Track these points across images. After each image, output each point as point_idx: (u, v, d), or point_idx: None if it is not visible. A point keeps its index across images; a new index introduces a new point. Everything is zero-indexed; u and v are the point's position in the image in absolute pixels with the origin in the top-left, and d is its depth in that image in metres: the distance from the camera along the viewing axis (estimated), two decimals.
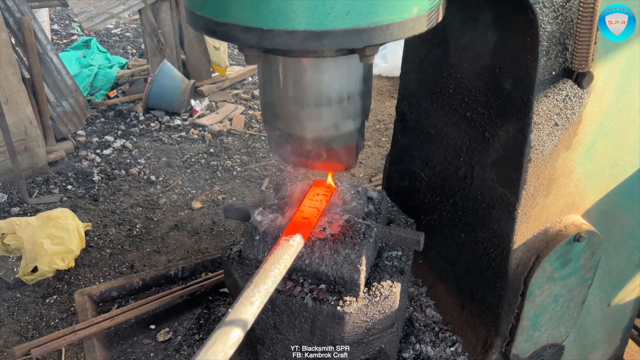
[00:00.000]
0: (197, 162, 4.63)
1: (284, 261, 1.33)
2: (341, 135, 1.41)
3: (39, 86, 4.27)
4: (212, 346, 1.05)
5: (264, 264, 1.30)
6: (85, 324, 2.25)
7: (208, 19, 1.10)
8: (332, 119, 1.36)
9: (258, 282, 1.23)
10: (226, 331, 1.09)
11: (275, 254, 1.34)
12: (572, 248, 1.70)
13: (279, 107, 1.38)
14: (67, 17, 8.85)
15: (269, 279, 1.25)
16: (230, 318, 1.13)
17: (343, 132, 1.41)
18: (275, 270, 1.29)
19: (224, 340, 1.07)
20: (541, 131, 1.53)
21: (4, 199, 3.96)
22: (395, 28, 1.07)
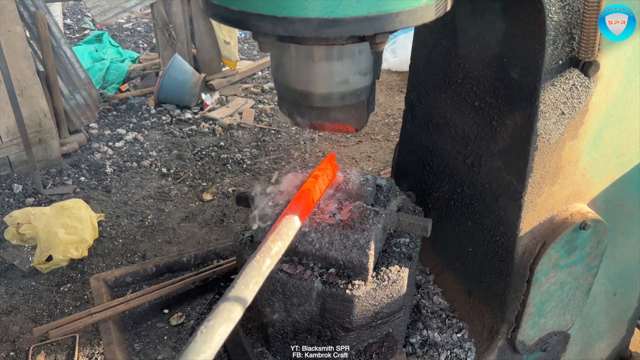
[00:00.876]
0: (207, 155, 4.68)
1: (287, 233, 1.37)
2: (352, 91, 1.38)
3: (52, 79, 4.33)
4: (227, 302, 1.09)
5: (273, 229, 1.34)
6: (101, 307, 2.30)
7: (223, 7, 1.14)
8: (342, 73, 1.34)
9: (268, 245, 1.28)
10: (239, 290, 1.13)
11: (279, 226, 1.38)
12: (578, 236, 1.73)
13: (287, 61, 1.36)
14: (79, 11, 8.92)
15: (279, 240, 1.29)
16: (244, 278, 1.17)
17: (354, 88, 1.38)
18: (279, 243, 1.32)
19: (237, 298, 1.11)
20: (548, 120, 1.56)
21: (19, 190, 4.03)
22: (405, 16, 1.10)
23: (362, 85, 1.39)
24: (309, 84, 1.36)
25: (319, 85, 1.35)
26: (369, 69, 1.38)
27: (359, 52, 1.32)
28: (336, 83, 1.35)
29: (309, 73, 1.34)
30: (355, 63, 1.33)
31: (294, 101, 1.44)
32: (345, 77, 1.35)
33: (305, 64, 1.33)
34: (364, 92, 1.41)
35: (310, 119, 1.48)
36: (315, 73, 1.33)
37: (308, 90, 1.37)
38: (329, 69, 1.32)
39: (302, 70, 1.34)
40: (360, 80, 1.38)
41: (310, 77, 1.34)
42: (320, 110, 1.43)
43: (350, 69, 1.34)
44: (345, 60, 1.31)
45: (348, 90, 1.37)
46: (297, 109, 1.46)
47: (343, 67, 1.33)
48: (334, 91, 1.37)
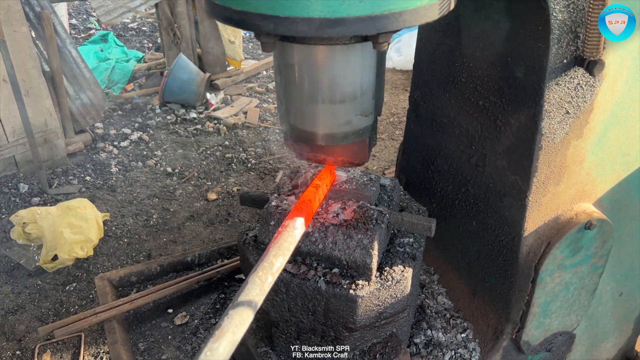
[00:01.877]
0: (212, 155, 4.69)
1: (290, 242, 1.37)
2: (354, 131, 1.43)
3: (58, 79, 4.35)
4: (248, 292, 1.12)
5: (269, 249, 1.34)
6: (106, 306, 2.31)
7: (226, 7, 1.14)
8: (345, 115, 1.39)
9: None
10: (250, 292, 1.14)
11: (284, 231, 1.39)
12: (583, 236, 1.72)
13: (292, 103, 1.41)
14: (84, 11, 8.96)
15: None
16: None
17: (356, 128, 1.43)
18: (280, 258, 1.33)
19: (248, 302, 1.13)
20: (552, 119, 1.55)
21: (25, 190, 4.05)
22: (408, 15, 1.10)
23: (364, 126, 1.44)
24: (313, 125, 1.41)
25: (323, 126, 1.41)
26: (370, 110, 1.43)
27: (361, 95, 1.37)
28: (339, 124, 1.40)
29: (313, 114, 1.39)
30: (357, 105, 1.39)
31: (299, 139, 1.48)
32: (347, 118, 1.40)
33: (309, 106, 1.38)
34: (366, 131, 1.46)
35: (315, 155, 1.53)
36: (319, 115, 1.38)
37: (312, 130, 1.42)
38: (332, 111, 1.37)
39: (307, 111, 1.39)
40: (362, 120, 1.43)
41: (315, 118, 1.40)
42: (325, 148, 1.48)
43: (352, 111, 1.39)
44: (348, 103, 1.37)
45: (351, 130, 1.43)
46: (302, 146, 1.51)
47: (346, 110, 1.38)
48: (337, 131, 1.42)
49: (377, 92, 1.43)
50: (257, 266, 1.26)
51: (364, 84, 1.38)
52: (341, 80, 1.34)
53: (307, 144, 1.48)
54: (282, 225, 1.42)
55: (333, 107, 1.36)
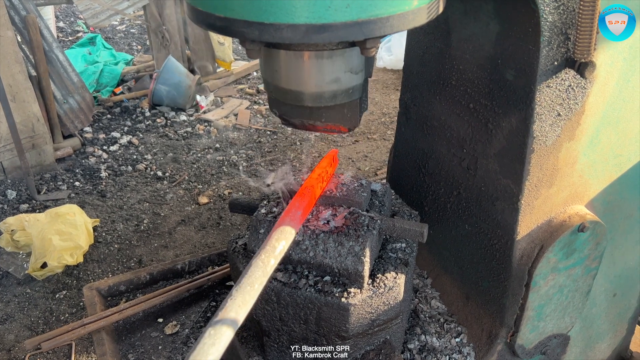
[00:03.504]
0: (203, 157, 4.65)
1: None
2: (343, 90, 1.34)
3: (45, 84, 4.30)
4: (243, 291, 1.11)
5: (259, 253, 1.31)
6: (94, 317, 2.28)
7: (209, 13, 1.11)
8: (333, 71, 1.29)
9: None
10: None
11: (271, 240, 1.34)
12: (576, 238, 1.70)
13: (276, 59, 1.32)
14: (72, 14, 8.88)
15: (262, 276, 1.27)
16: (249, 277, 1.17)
17: (345, 86, 1.34)
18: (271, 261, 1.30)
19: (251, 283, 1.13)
20: (544, 122, 1.53)
21: (13, 196, 3.99)
22: (396, 20, 1.07)
23: (354, 84, 1.35)
24: (299, 83, 1.32)
25: (310, 84, 1.31)
26: (360, 67, 1.34)
27: (350, 50, 1.28)
28: (327, 82, 1.31)
29: (299, 72, 1.30)
30: (346, 61, 1.30)
31: (284, 101, 1.40)
32: (336, 75, 1.31)
33: (295, 62, 1.29)
34: (356, 90, 1.37)
35: (301, 119, 1.44)
36: (306, 72, 1.29)
37: (299, 89, 1.33)
38: (320, 67, 1.28)
39: (292, 69, 1.30)
40: (352, 78, 1.34)
41: (301, 76, 1.31)
42: (312, 110, 1.39)
43: (341, 67, 1.30)
44: (336, 58, 1.28)
45: (340, 89, 1.33)
46: (288, 109, 1.42)
47: (334, 65, 1.29)
48: (325, 90, 1.33)
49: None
50: (260, 250, 1.25)
51: None
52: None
53: (293, 106, 1.39)
54: (284, 212, 1.40)
55: (320, 62, 1.28)
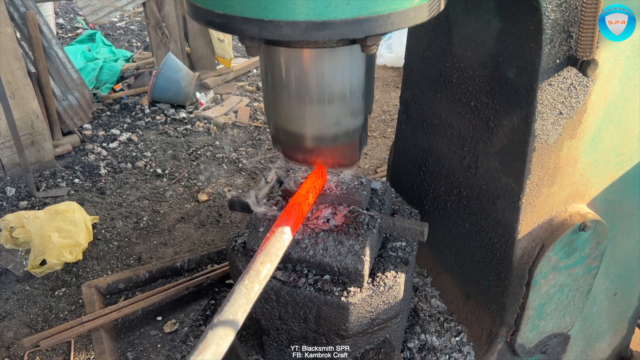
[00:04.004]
0: (202, 155, 4.64)
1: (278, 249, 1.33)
2: (344, 132, 1.38)
3: (44, 80, 4.28)
4: (235, 302, 1.09)
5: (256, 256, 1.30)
6: (93, 315, 2.27)
7: (209, 10, 1.10)
8: (334, 116, 1.34)
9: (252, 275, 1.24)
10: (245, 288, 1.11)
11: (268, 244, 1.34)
12: (577, 237, 1.70)
13: (280, 104, 1.36)
14: (71, 10, 8.85)
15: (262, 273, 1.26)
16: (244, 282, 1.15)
17: (346, 129, 1.38)
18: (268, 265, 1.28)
19: (245, 293, 1.11)
20: (545, 120, 1.52)
21: (12, 193, 3.98)
22: (397, 17, 1.06)
23: (353, 126, 1.39)
24: (301, 126, 1.36)
25: (311, 127, 1.36)
26: (360, 109, 1.38)
27: (350, 95, 1.32)
28: (328, 125, 1.35)
29: (301, 116, 1.34)
30: (347, 105, 1.33)
31: (287, 141, 1.43)
32: (337, 118, 1.35)
33: (297, 107, 1.33)
34: (356, 131, 1.41)
35: (304, 157, 1.48)
36: (308, 116, 1.33)
37: (300, 132, 1.37)
38: (321, 111, 1.32)
39: (295, 113, 1.34)
40: (352, 121, 1.38)
41: (303, 120, 1.35)
42: (314, 150, 1.43)
43: (342, 110, 1.34)
44: (337, 103, 1.32)
45: (340, 131, 1.38)
46: (290, 148, 1.46)
47: (334, 110, 1.32)
48: (326, 133, 1.37)
49: (367, 91, 1.38)
50: (244, 274, 1.22)
51: (352, 83, 1.32)
52: (329, 80, 1.29)
53: (296, 146, 1.43)
54: (270, 232, 1.38)
55: (321, 107, 1.31)
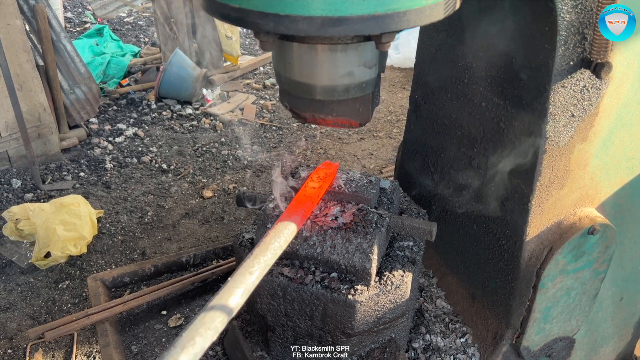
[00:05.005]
0: (208, 151, 4.64)
1: (285, 236, 1.32)
2: (356, 84, 1.32)
3: (52, 73, 4.29)
4: (210, 311, 1.04)
5: (265, 238, 1.29)
6: (98, 308, 2.27)
7: (224, 4, 1.10)
8: (346, 65, 1.28)
9: (258, 254, 1.23)
10: (225, 298, 1.08)
11: (276, 229, 1.33)
12: (586, 241, 1.69)
13: (289, 51, 1.30)
14: (80, 4, 8.87)
15: (268, 252, 1.25)
16: (230, 287, 1.12)
17: (358, 80, 1.32)
18: (275, 243, 1.28)
19: (222, 307, 1.06)
20: (557, 122, 1.51)
21: (18, 185, 3.99)
22: (412, 15, 1.06)
23: (367, 78, 1.34)
24: (311, 76, 1.30)
25: (322, 77, 1.30)
26: (374, 61, 1.33)
27: (364, 44, 1.26)
28: (340, 75, 1.29)
29: (311, 65, 1.29)
30: (360, 55, 1.28)
31: (295, 94, 1.38)
32: (349, 69, 1.29)
33: (308, 55, 1.27)
34: (369, 85, 1.36)
35: (312, 112, 1.42)
36: (318, 65, 1.28)
37: (311, 82, 1.31)
38: (333, 60, 1.27)
39: (305, 61, 1.29)
40: (365, 72, 1.32)
41: (314, 68, 1.29)
42: (323, 104, 1.37)
43: (354, 60, 1.28)
44: (350, 51, 1.26)
45: (352, 83, 1.32)
46: (299, 102, 1.40)
47: (347, 59, 1.27)
48: (338, 83, 1.31)
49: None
50: (253, 250, 1.23)
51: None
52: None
53: (305, 100, 1.37)
54: (278, 220, 1.39)
55: (333, 55, 1.26)
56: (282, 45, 1.29)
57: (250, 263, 1.20)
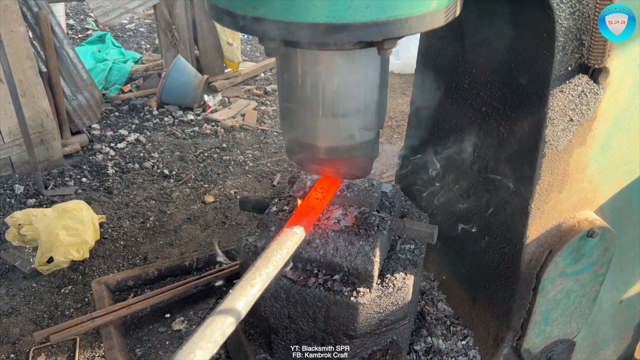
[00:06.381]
0: (209, 157, 4.67)
1: (287, 247, 1.34)
2: (357, 145, 1.43)
3: (55, 80, 4.32)
4: (211, 324, 1.06)
5: (267, 250, 1.31)
6: (103, 311, 2.29)
7: (230, 11, 1.12)
8: (348, 129, 1.38)
9: (260, 266, 1.25)
10: (226, 311, 1.10)
11: (278, 240, 1.35)
12: (585, 244, 1.71)
13: (296, 116, 1.40)
14: (82, 11, 8.92)
15: (270, 264, 1.27)
16: (231, 299, 1.14)
17: (359, 142, 1.43)
18: (278, 255, 1.30)
19: (223, 319, 1.08)
20: (556, 127, 1.54)
21: (21, 191, 4.01)
22: (414, 21, 1.09)
23: (366, 139, 1.44)
24: (316, 138, 1.41)
25: (326, 139, 1.40)
26: (373, 124, 1.43)
27: (365, 109, 1.37)
28: (342, 138, 1.40)
29: (316, 128, 1.39)
30: (361, 120, 1.39)
31: (302, 152, 1.48)
32: (351, 132, 1.39)
33: (312, 120, 1.37)
34: (369, 144, 1.46)
35: (317, 167, 1.52)
36: (322, 128, 1.38)
37: (315, 144, 1.42)
38: (335, 125, 1.37)
39: (310, 126, 1.39)
40: (365, 134, 1.43)
41: (317, 131, 1.39)
42: (327, 161, 1.48)
43: (356, 124, 1.39)
44: (351, 117, 1.37)
45: (354, 144, 1.42)
46: (305, 159, 1.50)
47: (349, 124, 1.37)
48: (340, 145, 1.42)
49: (380, 106, 1.42)
50: (256, 261, 1.25)
51: (367, 98, 1.37)
52: (345, 95, 1.33)
53: (310, 157, 1.47)
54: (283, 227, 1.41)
55: (336, 120, 1.36)
56: (289, 111, 1.40)
57: (252, 275, 1.22)
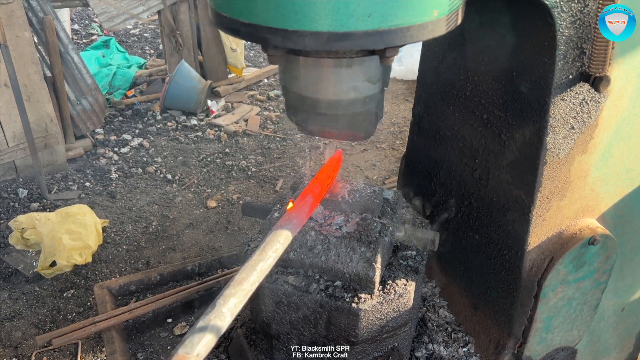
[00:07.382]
0: (212, 162, 4.68)
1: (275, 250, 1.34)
2: (360, 98, 1.35)
3: (59, 84, 4.35)
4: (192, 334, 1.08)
5: (249, 260, 1.29)
6: (105, 316, 2.29)
7: (234, 19, 1.13)
8: (351, 80, 1.31)
9: (241, 280, 1.23)
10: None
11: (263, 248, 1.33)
12: (587, 251, 1.71)
13: (296, 67, 1.33)
14: (87, 17, 8.97)
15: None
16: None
17: (362, 95, 1.35)
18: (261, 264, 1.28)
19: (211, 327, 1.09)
20: (557, 134, 1.55)
21: (24, 195, 4.03)
22: (415, 30, 1.10)
23: (371, 93, 1.37)
24: (317, 90, 1.34)
25: (328, 92, 1.34)
26: (378, 76, 1.36)
27: (369, 59, 1.30)
28: (345, 90, 1.33)
29: (317, 80, 1.33)
30: (364, 70, 1.32)
31: (301, 108, 1.42)
32: (354, 84, 1.33)
33: (314, 71, 1.31)
34: (372, 99, 1.39)
35: (317, 126, 1.45)
36: (324, 80, 1.32)
37: (316, 97, 1.35)
38: (338, 76, 1.31)
39: (311, 77, 1.33)
40: (369, 87, 1.36)
41: (319, 84, 1.33)
42: (328, 118, 1.41)
43: (359, 76, 1.32)
44: (355, 67, 1.30)
45: (357, 97, 1.35)
46: (304, 116, 1.44)
47: (352, 74, 1.31)
48: (343, 98, 1.35)
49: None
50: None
51: None
52: None
53: (310, 114, 1.41)
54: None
55: (338, 70, 1.29)
56: (289, 61, 1.33)
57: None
